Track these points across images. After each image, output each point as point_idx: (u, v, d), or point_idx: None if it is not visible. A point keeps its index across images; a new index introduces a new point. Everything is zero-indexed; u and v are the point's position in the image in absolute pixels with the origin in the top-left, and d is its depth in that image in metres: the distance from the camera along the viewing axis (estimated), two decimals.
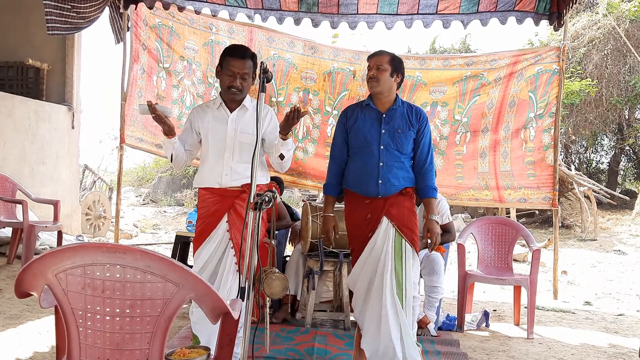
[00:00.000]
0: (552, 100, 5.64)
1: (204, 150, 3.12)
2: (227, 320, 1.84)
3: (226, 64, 2.98)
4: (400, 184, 3.08)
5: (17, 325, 3.72)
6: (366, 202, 3.09)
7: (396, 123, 3.10)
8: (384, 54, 3.14)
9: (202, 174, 3.09)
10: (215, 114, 3.06)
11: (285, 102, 5.89)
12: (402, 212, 3.06)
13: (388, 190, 3.06)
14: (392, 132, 3.09)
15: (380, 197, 3.06)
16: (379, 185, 3.05)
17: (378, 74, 3.08)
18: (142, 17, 5.71)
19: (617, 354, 3.83)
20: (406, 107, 3.17)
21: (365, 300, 3.05)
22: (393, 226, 3.03)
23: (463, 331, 4.31)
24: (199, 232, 3.04)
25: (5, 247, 5.68)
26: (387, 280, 2.95)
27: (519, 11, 5.23)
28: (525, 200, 5.84)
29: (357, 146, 3.14)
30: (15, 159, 6.68)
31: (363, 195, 3.10)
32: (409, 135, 3.11)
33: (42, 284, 1.71)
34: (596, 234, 11.32)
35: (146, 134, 5.91)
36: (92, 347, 1.71)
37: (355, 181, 3.14)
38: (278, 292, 2.51)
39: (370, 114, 3.15)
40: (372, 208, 3.07)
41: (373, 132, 3.10)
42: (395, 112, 3.13)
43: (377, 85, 3.09)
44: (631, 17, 13.66)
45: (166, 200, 16.89)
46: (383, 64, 3.08)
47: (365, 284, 3.06)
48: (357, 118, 3.16)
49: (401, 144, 3.09)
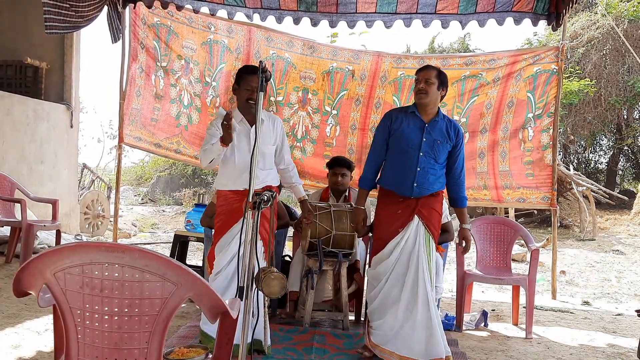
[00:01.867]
0: (551, 100, 5.64)
1: (228, 156, 3.46)
2: (225, 319, 1.84)
3: (243, 81, 3.38)
4: (433, 188, 3.38)
5: (15, 324, 3.72)
6: (400, 200, 3.39)
7: (436, 134, 3.37)
8: (432, 68, 3.39)
9: (229, 179, 3.49)
10: (238, 128, 3.43)
11: (284, 101, 5.88)
12: (432, 213, 3.39)
13: (422, 192, 3.35)
14: (431, 141, 3.36)
15: (413, 198, 3.36)
16: (414, 187, 3.34)
17: (427, 87, 3.32)
18: (141, 16, 5.70)
19: (615, 354, 3.84)
20: (446, 121, 3.44)
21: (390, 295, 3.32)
22: (424, 224, 3.34)
23: (462, 331, 4.31)
24: (222, 225, 3.45)
25: (3, 246, 5.67)
26: (424, 275, 3.26)
27: (517, 12, 5.21)
28: (524, 200, 5.84)
29: (398, 149, 3.41)
30: (14, 158, 6.68)
31: (399, 195, 3.39)
32: (446, 147, 3.39)
33: (41, 283, 1.71)
34: (595, 234, 11.33)
35: (145, 133, 5.90)
36: (91, 346, 1.71)
37: (393, 181, 3.43)
38: (276, 291, 2.52)
39: (415, 121, 3.40)
40: (404, 206, 3.38)
41: (415, 139, 3.36)
42: (437, 124, 3.39)
43: (425, 97, 3.33)
44: (630, 17, 13.67)
45: (165, 200, 16.88)
46: (431, 77, 3.32)
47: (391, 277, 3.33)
48: (402, 123, 3.41)
49: (438, 153, 3.37)
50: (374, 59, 5.79)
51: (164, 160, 17.27)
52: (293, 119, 5.92)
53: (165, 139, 5.96)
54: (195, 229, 5.31)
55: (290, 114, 5.91)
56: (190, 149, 5.94)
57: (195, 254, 7.82)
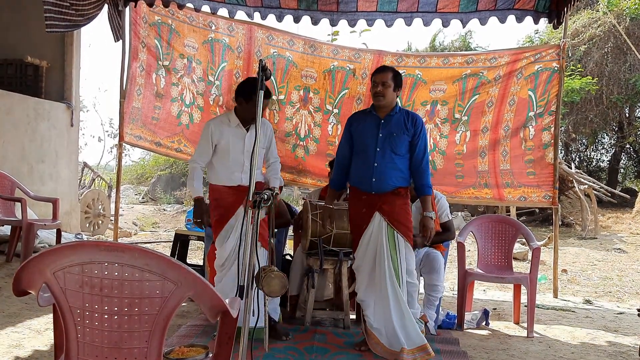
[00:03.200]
0: (552, 99, 5.63)
1: (221, 156, 3.72)
2: (225, 318, 1.83)
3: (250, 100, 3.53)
4: (393, 183, 3.48)
5: (15, 323, 3.72)
6: (363, 197, 3.53)
7: (392, 127, 3.50)
8: (388, 70, 3.52)
9: (221, 174, 3.72)
10: (234, 131, 3.70)
11: (285, 100, 5.88)
12: (393, 208, 3.47)
13: (381, 187, 3.47)
14: (387, 135, 3.49)
15: (374, 194, 3.48)
16: (372, 182, 3.47)
17: (383, 90, 3.47)
18: (142, 15, 5.69)
19: (617, 353, 3.83)
20: (403, 114, 3.57)
21: (368, 287, 3.50)
22: (385, 220, 3.45)
23: (463, 330, 4.30)
24: (218, 220, 3.68)
25: (4, 245, 5.67)
26: (386, 270, 3.40)
27: (518, 9, 5.20)
28: (526, 198, 5.83)
29: (359, 147, 3.57)
30: (14, 156, 6.67)
31: (362, 191, 3.54)
32: (404, 139, 3.49)
33: (41, 282, 1.71)
34: (596, 233, 11.32)
35: (145, 132, 5.90)
36: (91, 346, 1.71)
37: (355, 178, 3.59)
38: (277, 290, 2.51)
39: (372, 119, 3.56)
40: (367, 203, 3.51)
41: (371, 135, 3.51)
42: (392, 118, 3.53)
43: (382, 99, 3.49)
44: (631, 15, 13.65)
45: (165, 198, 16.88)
46: (387, 80, 3.47)
47: (366, 271, 3.51)
48: (360, 123, 3.59)
49: (396, 146, 3.47)
50: (374, 58, 5.78)
51: (164, 159, 17.26)
52: (295, 118, 5.92)
53: (166, 137, 5.95)
54: (195, 228, 5.31)
55: (292, 113, 5.91)
56: (191, 147, 5.93)
57: (195, 253, 7.81)
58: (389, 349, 3.36)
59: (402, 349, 3.28)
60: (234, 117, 3.71)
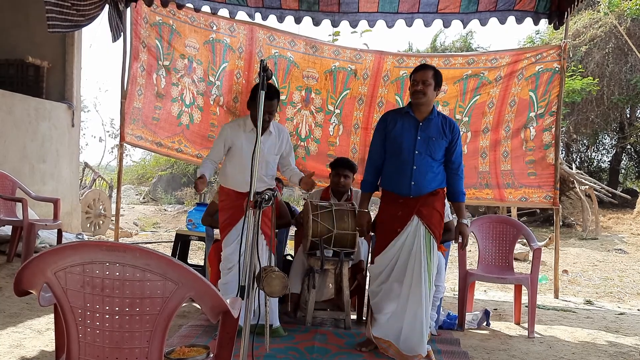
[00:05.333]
0: (553, 99, 5.63)
1: (234, 159, 3.77)
2: (226, 318, 1.84)
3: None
4: (431, 186, 3.42)
5: (16, 323, 3.72)
6: (400, 201, 3.44)
7: (431, 132, 3.42)
8: (429, 68, 3.44)
9: (232, 178, 3.76)
10: (248, 135, 3.71)
11: (287, 100, 5.88)
12: (432, 212, 3.41)
13: (420, 190, 3.39)
14: (426, 139, 3.41)
15: (412, 197, 3.40)
16: (411, 186, 3.39)
17: (424, 88, 3.37)
18: (143, 15, 5.69)
19: (617, 353, 3.83)
20: (441, 118, 3.49)
21: (389, 294, 3.41)
22: (423, 224, 3.38)
23: (464, 330, 4.30)
24: (228, 222, 3.72)
25: (5, 245, 5.67)
26: (421, 276, 3.31)
27: (518, 10, 5.20)
28: (526, 199, 5.83)
29: (395, 150, 3.47)
30: (15, 156, 6.67)
31: (398, 195, 3.45)
32: (441, 144, 3.43)
33: (42, 282, 1.71)
34: (597, 233, 11.31)
35: (146, 132, 5.89)
36: (92, 346, 1.71)
37: (391, 181, 3.49)
38: (278, 290, 2.50)
39: (409, 121, 3.46)
40: (404, 206, 3.42)
41: (409, 138, 3.42)
42: (431, 122, 3.44)
43: (423, 97, 3.38)
44: (633, 16, 13.64)
45: (166, 199, 16.88)
46: (428, 78, 3.39)
47: (389, 276, 3.42)
48: (397, 124, 3.48)
49: (434, 150, 3.41)
50: (376, 59, 5.78)
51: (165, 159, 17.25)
52: (296, 118, 5.93)
53: (166, 137, 5.95)
54: (196, 228, 5.32)
55: (293, 113, 5.91)
56: (191, 147, 5.93)
57: (196, 253, 7.81)
58: (404, 353, 3.34)
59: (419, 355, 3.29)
60: (249, 122, 3.74)
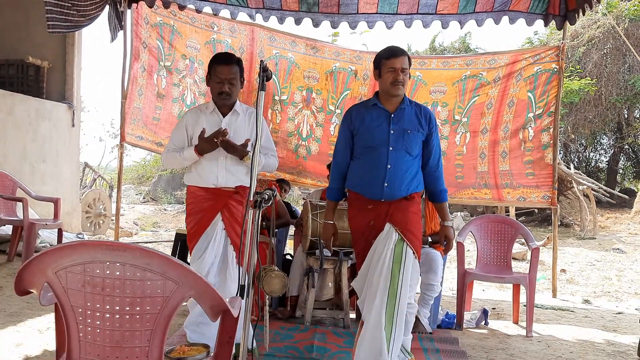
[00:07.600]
0: (551, 100, 5.65)
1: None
2: (226, 318, 1.85)
3: (214, 72, 3.13)
4: (407, 189, 2.93)
5: (17, 322, 3.73)
6: (369, 207, 2.95)
7: (405, 123, 2.95)
8: (404, 54, 2.97)
9: (197, 174, 3.21)
10: (209, 118, 3.19)
11: (288, 100, 5.90)
12: (406, 216, 2.91)
13: (394, 194, 2.91)
14: (400, 132, 2.93)
15: (384, 201, 2.92)
16: (384, 188, 2.90)
17: (405, 78, 2.94)
18: (143, 15, 5.70)
19: (615, 352, 3.84)
20: (414, 107, 3.02)
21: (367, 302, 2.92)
22: (397, 231, 2.88)
23: (462, 329, 4.32)
24: (195, 230, 3.17)
25: (5, 245, 5.68)
26: (382, 284, 2.81)
27: (513, 11, 5.23)
28: (525, 199, 5.85)
29: (365, 147, 2.97)
30: (16, 156, 6.69)
31: (367, 199, 2.96)
32: (418, 137, 2.96)
33: (42, 282, 1.72)
34: (595, 233, 11.33)
35: (146, 132, 5.91)
36: (92, 345, 1.72)
37: (360, 183, 2.98)
38: (277, 290, 2.51)
39: (379, 113, 2.98)
40: (375, 214, 2.94)
41: (381, 133, 2.94)
42: (404, 112, 2.98)
43: (403, 88, 2.94)
44: (630, 16, 13.67)
45: (166, 198, 16.89)
46: (407, 66, 2.95)
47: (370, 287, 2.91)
48: (364, 118, 2.99)
49: (410, 145, 2.93)
50: None
51: None
52: (297, 118, 5.95)
53: (166, 138, 5.95)
54: None
55: (294, 113, 5.94)
56: None
57: None
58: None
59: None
60: (211, 104, 3.23)
